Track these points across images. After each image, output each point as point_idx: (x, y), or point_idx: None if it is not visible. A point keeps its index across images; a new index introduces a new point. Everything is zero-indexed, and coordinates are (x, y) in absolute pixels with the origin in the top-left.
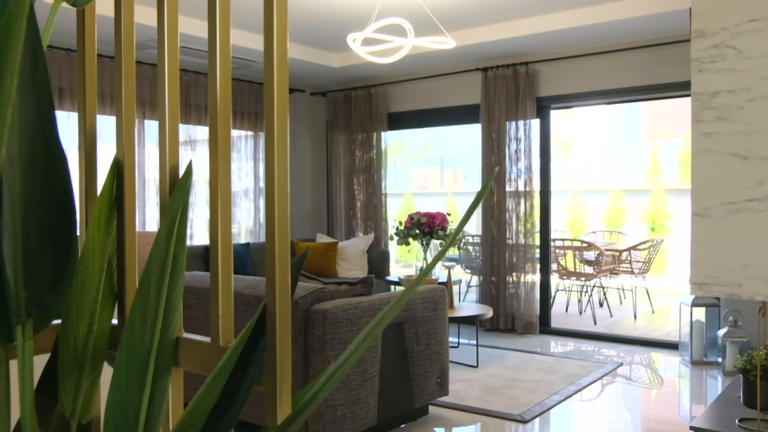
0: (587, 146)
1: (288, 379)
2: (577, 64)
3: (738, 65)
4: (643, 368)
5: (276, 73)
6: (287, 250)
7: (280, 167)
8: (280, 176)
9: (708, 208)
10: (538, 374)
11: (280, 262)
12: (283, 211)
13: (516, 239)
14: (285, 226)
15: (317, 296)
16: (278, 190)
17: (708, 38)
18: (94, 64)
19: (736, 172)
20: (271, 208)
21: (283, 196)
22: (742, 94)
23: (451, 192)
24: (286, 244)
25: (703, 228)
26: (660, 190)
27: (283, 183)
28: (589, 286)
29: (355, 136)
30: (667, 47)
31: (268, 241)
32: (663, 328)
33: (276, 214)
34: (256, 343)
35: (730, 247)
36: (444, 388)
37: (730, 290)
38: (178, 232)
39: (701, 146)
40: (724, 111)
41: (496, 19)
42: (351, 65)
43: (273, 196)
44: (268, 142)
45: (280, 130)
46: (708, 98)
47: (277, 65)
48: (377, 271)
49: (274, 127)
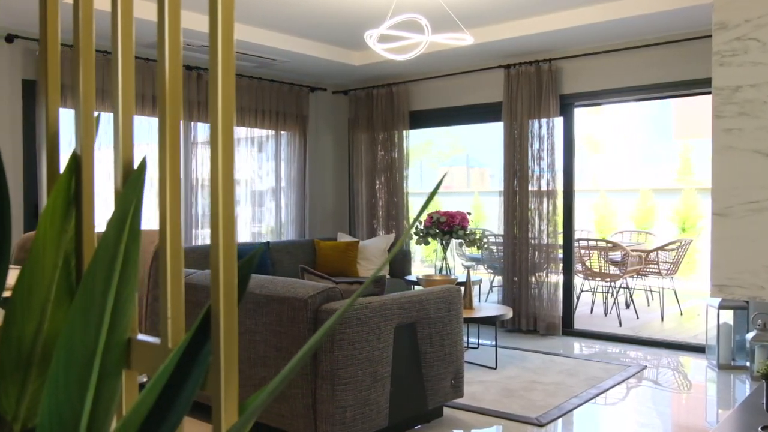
0: (616, 145)
1: (234, 384)
2: (601, 60)
3: (761, 58)
4: (667, 372)
5: (221, 55)
6: (233, 246)
7: (225, 157)
8: (225, 166)
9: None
10: (558, 377)
11: (226, 259)
12: (228, 203)
13: (539, 239)
14: (230, 220)
15: (327, 296)
16: (223, 180)
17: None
18: (57, 54)
19: (759, 169)
20: (216, 201)
21: (228, 186)
22: (766, 89)
23: (477, 191)
24: (232, 239)
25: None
26: (691, 189)
27: (228, 173)
28: (614, 287)
29: (377, 134)
30: (694, 42)
31: (213, 237)
32: (691, 330)
33: (220, 207)
34: (201, 346)
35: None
36: (459, 390)
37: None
38: (130, 227)
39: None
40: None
41: (518, 15)
42: (372, 63)
43: (217, 186)
44: (212, 132)
45: (225, 119)
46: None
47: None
48: (398, 271)
49: (218, 116)
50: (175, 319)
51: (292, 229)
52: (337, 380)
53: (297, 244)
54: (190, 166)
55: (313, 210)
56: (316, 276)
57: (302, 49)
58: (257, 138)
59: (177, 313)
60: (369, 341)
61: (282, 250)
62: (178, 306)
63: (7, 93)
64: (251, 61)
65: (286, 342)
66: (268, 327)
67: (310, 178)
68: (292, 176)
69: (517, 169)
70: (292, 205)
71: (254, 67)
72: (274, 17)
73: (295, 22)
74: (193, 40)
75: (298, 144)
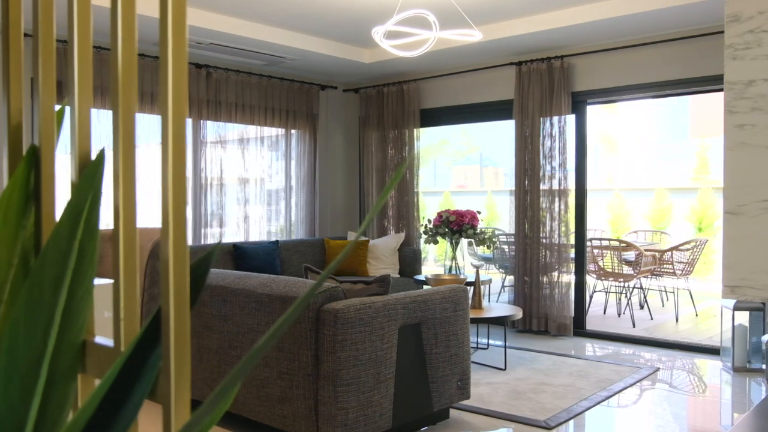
0: (632, 143)
1: (186, 391)
2: (614, 56)
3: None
4: (680, 374)
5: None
6: (184, 244)
7: (175, 151)
8: (176, 160)
9: (742, 205)
10: (568, 378)
11: (176, 258)
12: (178, 199)
13: (550, 238)
14: (181, 217)
15: (329, 295)
16: (173, 175)
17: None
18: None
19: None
20: (166, 196)
21: (179, 182)
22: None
23: (490, 190)
24: (182, 236)
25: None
26: (708, 188)
27: (179, 168)
28: (628, 287)
29: (388, 133)
30: (710, 38)
31: (163, 233)
32: (706, 332)
33: (170, 203)
34: (152, 351)
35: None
36: (465, 392)
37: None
38: (86, 223)
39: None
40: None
41: (530, 11)
42: (382, 61)
43: (167, 182)
44: (163, 124)
45: (176, 110)
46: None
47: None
48: (408, 270)
49: (169, 107)
50: (129, 321)
51: (303, 228)
52: (340, 381)
53: (306, 243)
54: (199, 165)
55: (323, 209)
56: (319, 275)
57: (311, 47)
58: (267, 137)
59: (131, 313)
60: (372, 342)
61: (291, 249)
62: (132, 306)
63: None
64: (260, 58)
65: (288, 342)
66: (269, 327)
67: (320, 177)
68: (302, 175)
69: (528, 167)
70: (302, 204)
71: (263, 65)
72: (282, 14)
73: (303, 20)
74: (202, 38)
75: (308, 143)
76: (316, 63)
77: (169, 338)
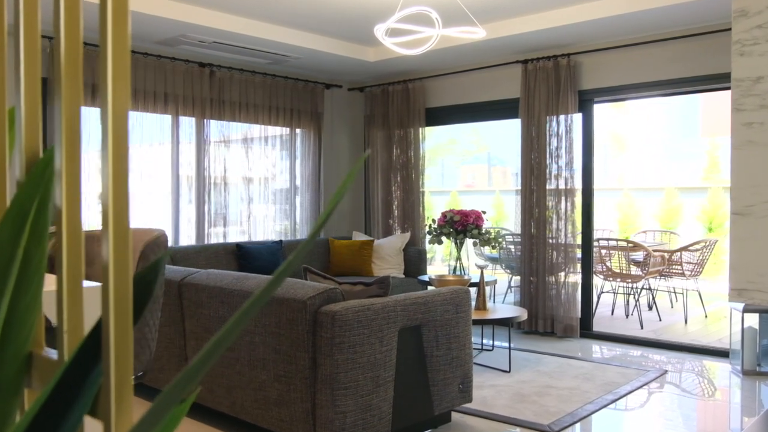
0: (642, 142)
1: (128, 408)
2: (621, 54)
3: None
4: (688, 377)
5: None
6: (127, 250)
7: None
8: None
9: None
10: (573, 381)
11: (117, 261)
12: (120, 200)
13: (557, 239)
14: (123, 221)
15: (327, 297)
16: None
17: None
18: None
19: None
20: (106, 197)
21: (121, 180)
22: None
23: (498, 190)
24: (124, 243)
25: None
26: (718, 188)
27: (120, 166)
28: (636, 288)
29: (393, 132)
30: (720, 35)
31: (103, 238)
32: (716, 334)
33: (110, 205)
34: (95, 364)
35: None
36: (467, 395)
37: None
38: (32, 228)
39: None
40: None
41: (535, 8)
42: (387, 59)
43: (107, 180)
44: (103, 119)
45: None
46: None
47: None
48: (414, 270)
49: (108, 99)
50: (73, 332)
51: (307, 227)
52: (337, 385)
53: None
54: (203, 164)
55: None
56: (318, 276)
57: (315, 45)
58: (271, 136)
59: (75, 325)
60: (371, 344)
61: (295, 249)
62: (77, 316)
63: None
64: (264, 57)
65: (285, 344)
66: (267, 329)
67: (325, 177)
68: (307, 174)
69: (534, 166)
70: (306, 203)
71: (267, 63)
72: (285, 12)
73: (307, 18)
74: (204, 37)
75: (313, 142)
76: (320, 62)
77: (109, 352)
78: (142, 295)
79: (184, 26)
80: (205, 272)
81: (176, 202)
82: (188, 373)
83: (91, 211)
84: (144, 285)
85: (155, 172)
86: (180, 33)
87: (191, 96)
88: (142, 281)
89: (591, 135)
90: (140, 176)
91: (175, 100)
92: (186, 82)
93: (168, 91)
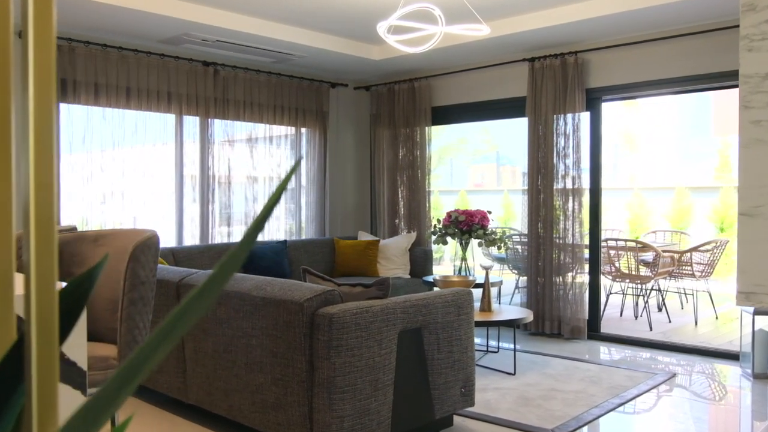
0: (652, 141)
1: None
2: (630, 51)
3: None
4: (697, 380)
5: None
6: (52, 258)
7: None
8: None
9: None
10: (579, 384)
11: (41, 275)
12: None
13: (564, 239)
14: (48, 227)
15: (324, 299)
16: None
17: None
18: None
19: None
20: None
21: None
22: None
23: (507, 189)
24: (50, 250)
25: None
26: (730, 187)
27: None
28: (645, 289)
29: (399, 131)
30: (731, 31)
31: (24, 247)
32: (727, 335)
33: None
34: (18, 382)
35: None
36: (469, 399)
37: None
38: None
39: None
40: None
41: (542, 5)
42: (392, 58)
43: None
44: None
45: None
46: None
47: None
48: (419, 271)
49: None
50: None
51: (312, 227)
52: (335, 388)
53: (316, 242)
54: (207, 163)
55: (333, 208)
56: (317, 277)
57: (320, 44)
58: (276, 136)
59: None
60: (369, 347)
61: (300, 249)
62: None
63: (20, 89)
64: (268, 56)
65: (282, 347)
66: (264, 331)
67: (330, 176)
68: (313, 174)
69: (542, 166)
70: (312, 203)
71: (272, 62)
72: (288, 11)
73: (311, 16)
74: (208, 35)
75: (319, 141)
76: (325, 60)
77: (31, 372)
78: (74, 308)
79: (187, 25)
80: (203, 273)
81: (180, 202)
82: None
83: (93, 210)
84: (76, 297)
85: (159, 171)
86: (183, 32)
87: (195, 95)
88: (74, 293)
89: (599, 134)
90: (143, 176)
91: (178, 99)
92: (190, 81)
93: (171, 90)
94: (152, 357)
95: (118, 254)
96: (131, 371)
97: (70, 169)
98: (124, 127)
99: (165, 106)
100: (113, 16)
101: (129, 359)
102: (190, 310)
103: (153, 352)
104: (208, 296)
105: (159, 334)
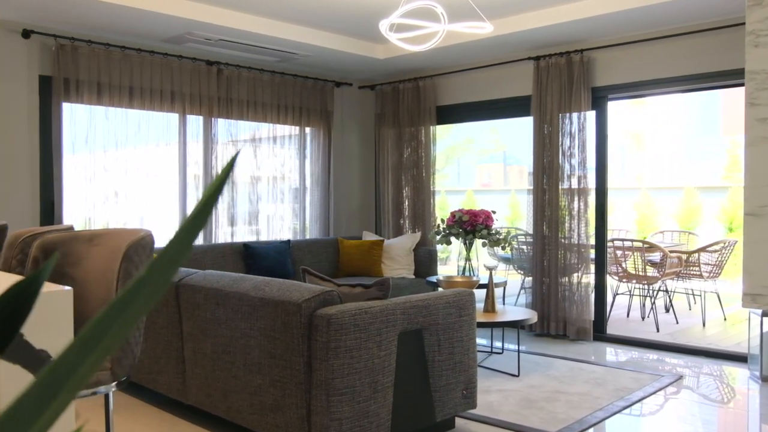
0: (660, 140)
1: None
2: (636, 49)
3: None
4: (704, 383)
5: None
6: None
7: None
8: None
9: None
10: (584, 386)
11: None
12: None
13: (569, 239)
14: None
15: (323, 300)
16: None
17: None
18: None
19: None
20: None
21: None
22: None
23: (513, 189)
24: None
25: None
26: (739, 187)
27: None
28: (653, 289)
29: (404, 130)
30: (740, 29)
31: None
32: (736, 337)
33: None
34: None
35: None
36: (471, 401)
37: None
38: None
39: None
40: None
41: (547, 2)
42: (396, 57)
43: None
44: None
45: None
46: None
47: None
48: (424, 271)
49: None
50: None
51: (317, 227)
52: (333, 390)
53: (320, 242)
54: (210, 162)
55: (337, 208)
56: (317, 278)
57: (324, 43)
58: (280, 135)
59: None
60: (368, 349)
61: (304, 249)
62: None
63: (25, 89)
64: (272, 55)
65: (280, 348)
66: (262, 332)
67: (335, 176)
68: (317, 174)
69: (547, 165)
70: (316, 202)
71: (276, 61)
72: (292, 9)
73: (315, 15)
74: (211, 34)
75: (323, 140)
76: (329, 59)
77: None
78: (17, 316)
79: (190, 24)
80: (202, 273)
81: (183, 202)
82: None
83: (96, 210)
84: (18, 304)
85: (162, 171)
86: (186, 31)
87: (198, 94)
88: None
89: (605, 133)
90: (147, 176)
91: (182, 98)
92: (193, 81)
93: (175, 90)
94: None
95: (113, 253)
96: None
97: (73, 168)
98: (127, 126)
99: (168, 105)
100: (116, 15)
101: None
102: (102, 323)
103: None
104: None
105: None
